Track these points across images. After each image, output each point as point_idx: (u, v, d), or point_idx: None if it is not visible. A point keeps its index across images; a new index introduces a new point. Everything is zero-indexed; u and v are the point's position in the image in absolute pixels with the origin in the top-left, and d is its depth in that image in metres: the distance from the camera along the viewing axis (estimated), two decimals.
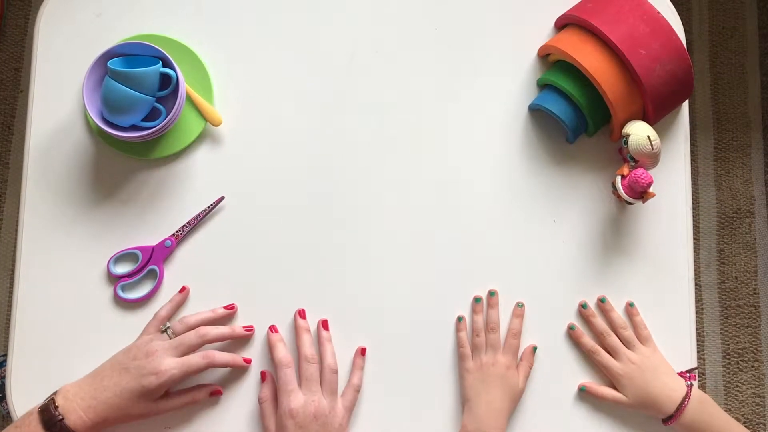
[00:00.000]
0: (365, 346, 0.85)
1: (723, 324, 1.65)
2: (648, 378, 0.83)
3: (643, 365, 0.83)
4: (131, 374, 0.74)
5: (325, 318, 0.85)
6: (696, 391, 0.83)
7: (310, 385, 0.79)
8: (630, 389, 0.83)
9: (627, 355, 0.84)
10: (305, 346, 0.81)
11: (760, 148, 1.71)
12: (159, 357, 0.75)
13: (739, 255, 1.68)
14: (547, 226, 0.89)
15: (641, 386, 0.82)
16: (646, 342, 0.86)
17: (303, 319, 0.84)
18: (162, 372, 0.74)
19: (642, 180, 0.81)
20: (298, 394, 0.78)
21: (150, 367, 0.74)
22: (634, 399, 0.83)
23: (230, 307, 0.84)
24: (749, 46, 1.75)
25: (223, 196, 0.87)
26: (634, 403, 0.83)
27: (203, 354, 0.77)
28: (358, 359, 0.84)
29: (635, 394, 0.82)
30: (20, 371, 0.83)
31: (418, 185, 0.89)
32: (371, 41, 0.91)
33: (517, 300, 0.87)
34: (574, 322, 0.87)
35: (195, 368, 0.76)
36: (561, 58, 0.87)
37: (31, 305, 0.85)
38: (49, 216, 0.86)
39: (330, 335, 0.84)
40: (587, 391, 0.85)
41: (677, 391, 0.82)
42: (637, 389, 0.82)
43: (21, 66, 1.67)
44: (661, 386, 0.82)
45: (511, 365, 0.83)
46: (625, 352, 0.84)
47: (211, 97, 0.88)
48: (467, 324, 0.86)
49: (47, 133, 0.87)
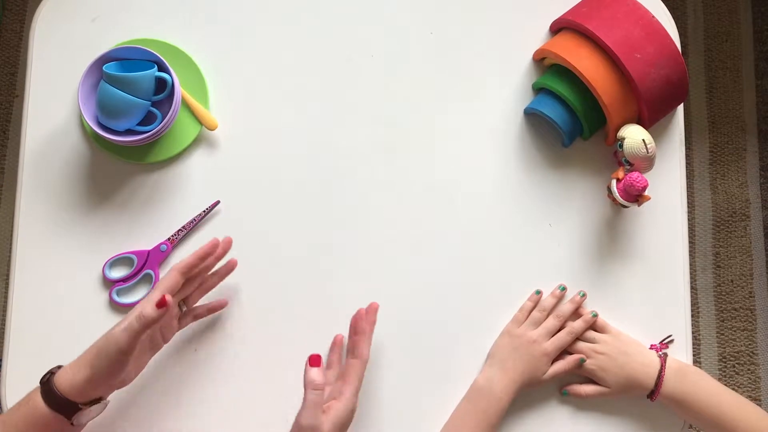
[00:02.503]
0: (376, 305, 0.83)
1: (719, 327, 1.65)
2: (621, 362, 0.84)
3: (612, 352, 0.84)
4: (108, 333, 0.70)
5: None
6: (674, 361, 0.84)
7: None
8: (609, 379, 0.84)
9: (594, 348, 0.85)
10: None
11: (756, 152, 1.72)
12: (131, 315, 0.70)
13: (735, 258, 1.68)
14: (543, 229, 0.89)
15: (617, 372, 0.83)
16: (605, 329, 0.87)
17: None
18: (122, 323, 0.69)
19: (637, 183, 0.81)
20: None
21: (122, 324, 0.69)
22: (615, 386, 0.84)
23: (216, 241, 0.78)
24: (744, 49, 1.76)
25: (219, 200, 0.87)
26: (617, 390, 0.84)
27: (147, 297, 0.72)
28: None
29: (615, 382, 0.83)
30: (14, 376, 0.83)
31: (414, 189, 0.89)
32: (367, 45, 0.91)
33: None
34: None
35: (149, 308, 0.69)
36: (556, 62, 0.87)
37: (26, 310, 0.84)
38: (44, 220, 0.86)
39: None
40: (570, 393, 0.85)
41: (652, 365, 0.83)
42: (615, 376, 0.83)
43: (16, 71, 1.66)
44: (636, 365, 0.83)
45: (548, 354, 0.84)
46: (592, 347, 0.85)
47: (207, 101, 0.88)
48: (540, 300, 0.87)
49: (42, 137, 0.87)
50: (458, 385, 0.85)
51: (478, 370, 0.85)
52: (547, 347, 0.84)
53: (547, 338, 0.85)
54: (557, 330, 0.85)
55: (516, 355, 0.83)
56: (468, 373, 0.85)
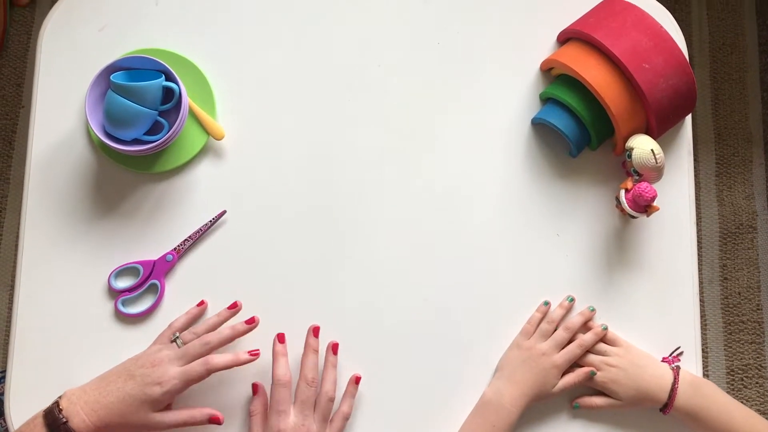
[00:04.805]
0: (360, 375, 0.84)
1: (726, 340, 1.64)
2: (632, 374, 0.83)
3: (623, 365, 0.83)
4: (136, 381, 0.73)
5: (336, 341, 0.84)
6: (687, 374, 0.83)
7: (304, 408, 0.78)
8: (620, 392, 0.83)
9: (605, 361, 0.84)
10: (308, 367, 0.80)
11: (762, 164, 1.71)
12: (164, 366, 0.74)
13: (742, 270, 1.67)
14: (551, 240, 0.89)
15: (629, 385, 0.83)
16: (615, 342, 0.86)
17: (315, 338, 0.83)
18: (165, 381, 0.73)
19: (646, 194, 0.81)
20: (290, 415, 0.77)
21: (155, 375, 0.73)
22: (627, 399, 0.83)
23: (233, 306, 0.82)
24: (749, 61, 1.76)
25: (225, 210, 0.86)
26: (629, 402, 0.83)
27: (202, 360, 0.76)
28: (351, 387, 0.83)
29: (627, 395, 0.82)
30: (20, 387, 0.82)
31: (421, 199, 0.89)
32: (374, 55, 0.91)
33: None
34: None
35: (196, 376, 0.75)
36: (564, 72, 0.87)
37: (31, 320, 0.84)
38: (49, 230, 0.86)
39: (336, 361, 0.83)
40: (581, 406, 0.84)
41: (664, 377, 0.82)
42: (627, 389, 0.82)
43: (23, 82, 1.67)
44: (648, 378, 0.82)
45: (558, 367, 0.83)
46: (603, 360, 0.84)
47: (214, 111, 0.87)
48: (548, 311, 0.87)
49: (49, 147, 0.87)
50: (466, 398, 0.84)
51: (487, 382, 0.85)
52: (557, 360, 0.83)
53: (557, 350, 0.84)
54: (567, 342, 0.85)
55: (525, 368, 0.82)
56: (476, 386, 0.85)
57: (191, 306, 0.84)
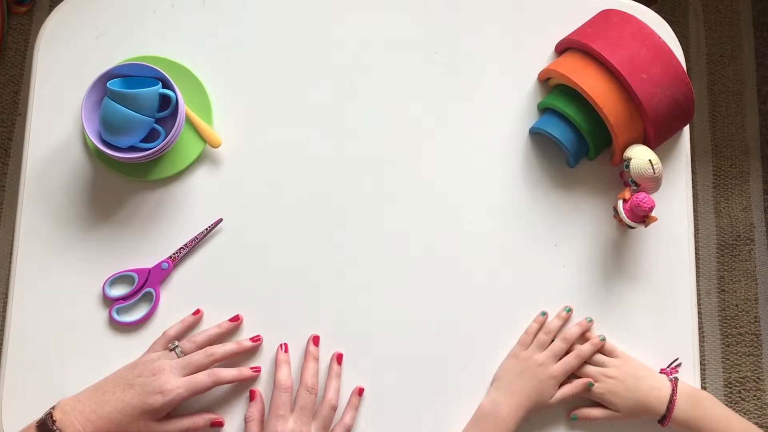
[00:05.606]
0: (363, 386, 0.83)
1: (724, 352, 1.63)
2: (630, 386, 0.82)
3: (621, 376, 0.83)
4: (135, 391, 0.72)
5: (341, 352, 0.84)
6: (685, 386, 0.83)
7: (303, 414, 0.78)
8: (618, 403, 0.82)
9: (603, 372, 0.84)
10: (308, 374, 0.80)
11: (759, 176, 1.71)
12: (166, 376, 0.74)
13: (740, 282, 1.67)
14: (549, 250, 0.88)
15: (627, 396, 0.82)
16: (613, 353, 0.85)
17: (314, 346, 0.83)
18: (168, 391, 0.72)
19: (644, 204, 0.80)
20: (288, 421, 0.77)
21: (155, 385, 0.72)
22: (625, 410, 0.82)
23: (235, 318, 0.82)
24: (747, 73, 1.76)
25: (221, 218, 0.86)
26: (627, 414, 0.82)
27: (209, 372, 0.76)
28: (354, 398, 0.83)
29: (625, 406, 0.82)
30: (13, 396, 0.82)
31: (418, 208, 0.88)
32: (371, 65, 0.91)
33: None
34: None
35: (201, 387, 0.75)
36: (561, 82, 0.87)
37: (25, 328, 0.83)
38: (44, 238, 0.85)
39: (340, 371, 0.83)
40: (579, 417, 0.84)
41: (663, 389, 0.82)
42: (625, 400, 0.82)
43: (20, 89, 1.67)
44: (646, 389, 0.82)
45: (555, 377, 0.82)
46: (601, 371, 0.84)
47: (211, 118, 0.87)
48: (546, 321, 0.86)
49: (44, 154, 0.87)
50: (463, 409, 0.83)
51: (484, 393, 0.84)
52: (555, 370, 0.82)
53: (554, 361, 0.83)
54: (564, 353, 0.84)
55: (522, 379, 0.82)
56: (473, 396, 0.84)
57: (186, 315, 0.83)
